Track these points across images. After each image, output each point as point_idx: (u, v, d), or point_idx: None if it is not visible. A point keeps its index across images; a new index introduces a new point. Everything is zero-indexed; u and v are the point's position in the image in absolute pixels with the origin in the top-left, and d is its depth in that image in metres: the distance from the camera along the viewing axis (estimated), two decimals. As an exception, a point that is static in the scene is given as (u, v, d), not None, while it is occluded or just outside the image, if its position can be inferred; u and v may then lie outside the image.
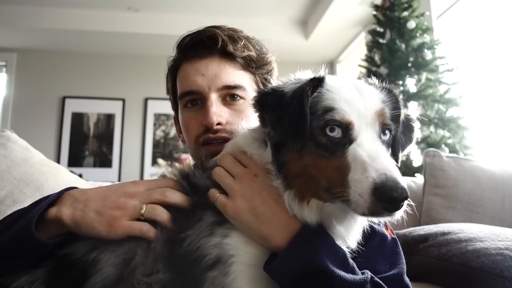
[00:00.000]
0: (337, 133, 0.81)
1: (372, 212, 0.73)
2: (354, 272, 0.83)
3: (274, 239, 0.83)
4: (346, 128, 0.80)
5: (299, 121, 0.80)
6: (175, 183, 0.98)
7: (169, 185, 0.96)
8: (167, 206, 0.92)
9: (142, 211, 0.90)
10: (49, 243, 0.90)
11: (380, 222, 0.96)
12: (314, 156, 0.81)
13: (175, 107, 1.37)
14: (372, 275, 0.85)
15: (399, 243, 1.04)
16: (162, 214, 0.90)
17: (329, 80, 0.87)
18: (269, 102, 0.87)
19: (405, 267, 0.97)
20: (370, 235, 1.00)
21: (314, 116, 0.81)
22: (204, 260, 0.82)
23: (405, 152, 0.96)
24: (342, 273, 0.79)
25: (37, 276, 0.88)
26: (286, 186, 0.85)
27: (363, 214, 0.75)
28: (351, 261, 0.85)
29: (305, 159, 0.82)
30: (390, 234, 1.04)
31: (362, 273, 0.84)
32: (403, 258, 1.00)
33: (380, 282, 0.84)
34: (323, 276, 0.78)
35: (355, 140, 0.80)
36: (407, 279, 0.95)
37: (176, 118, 1.40)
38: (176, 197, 0.93)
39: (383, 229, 1.03)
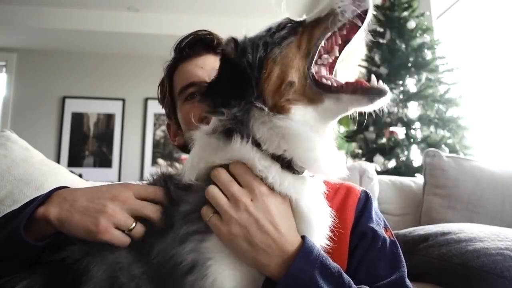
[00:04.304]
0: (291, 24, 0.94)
1: (357, 2, 0.86)
2: None
3: (268, 268, 0.82)
4: (290, 19, 0.96)
5: (238, 76, 0.89)
6: (163, 192, 0.94)
7: (157, 194, 0.93)
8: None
9: (131, 227, 0.88)
10: (38, 245, 0.89)
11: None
12: (286, 52, 0.89)
13: (172, 110, 1.37)
14: None
15: (398, 245, 1.04)
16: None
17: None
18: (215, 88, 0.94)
19: (405, 269, 0.98)
20: (373, 239, 1.01)
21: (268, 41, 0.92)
22: (180, 266, 0.80)
23: None
24: None
25: (36, 282, 0.89)
26: (271, 109, 0.87)
27: (352, 13, 0.86)
28: (346, 278, 0.85)
29: (276, 66, 0.88)
30: (390, 237, 1.04)
31: None
32: (403, 260, 1.00)
33: None
34: None
35: (302, 19, 0.96)
36: (408, 283, 0.95)
37: (169, 125, 1.41)
38: (155, 213, 0.90)
39: (383, 232, 1.04)
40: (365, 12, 0.88)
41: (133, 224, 0.88)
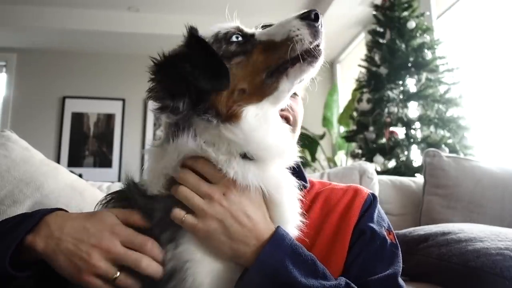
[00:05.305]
0: (239, 38, 0.92)
1: (314, 33, 0.87)
2: (325, 278, 0.84)
3: (245, 256, 0.84)
4: (240, 30, 0.94)
5: (212, 60, 0.87)
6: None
7: (148, 244, 0.86)
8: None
9: (114, 277, 0.84)
10: (22, 276, 0.87)
11: None
12: (237, 71, 0.87)
13: None
14: (348, 281, 0.86)
15: (399, 248, 1.04)
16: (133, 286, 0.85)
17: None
18: (169, 67, 0.88)
19: (400, 269, 0.98)
20: (371, 237, 1.01)
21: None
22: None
23: None
24: (312, 281, 0.80)
25: (28, 281, 0.89)
26: (221, 118, 0.86)
27: (309, 44, 0.86)
28: (320, 266, 0.85)
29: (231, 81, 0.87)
30: (392, 240, 1.04)
31: (336, 279, 0.85)
32: (401, 261, 1.00)
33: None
34: None
35: (251, 32, 0.94)
36: (401, 281, 0.95)
37: None
38: (151, 268, 0.84)
39: (385, 233, 1.04)
40: (316, 47, 0.88)
41: (117, 274, 0.84)
